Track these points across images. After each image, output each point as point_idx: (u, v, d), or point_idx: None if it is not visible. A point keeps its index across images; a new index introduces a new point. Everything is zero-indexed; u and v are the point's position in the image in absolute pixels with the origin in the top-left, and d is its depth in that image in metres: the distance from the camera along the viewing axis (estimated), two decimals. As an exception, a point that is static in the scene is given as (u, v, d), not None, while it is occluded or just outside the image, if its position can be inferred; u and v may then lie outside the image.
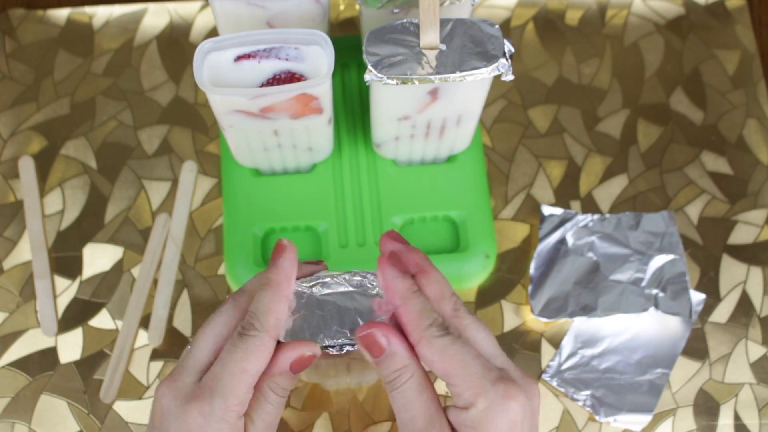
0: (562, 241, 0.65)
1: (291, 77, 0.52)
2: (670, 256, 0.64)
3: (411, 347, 0.45)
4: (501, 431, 0.43)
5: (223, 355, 0.45)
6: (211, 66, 0.52)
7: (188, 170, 0.67)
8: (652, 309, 0.62)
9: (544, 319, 0.62)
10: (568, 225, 0.65)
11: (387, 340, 0.45)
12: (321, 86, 0.51)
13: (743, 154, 0.69)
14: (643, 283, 0.63)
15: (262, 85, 0.52)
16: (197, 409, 0.44)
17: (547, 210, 0.65)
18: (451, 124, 0.58)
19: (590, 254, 0.64)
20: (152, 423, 0.46)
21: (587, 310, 0.62)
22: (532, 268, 0.64)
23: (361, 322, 0.45)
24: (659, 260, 0.63)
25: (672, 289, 0.63)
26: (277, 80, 0.52)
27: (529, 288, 0.63)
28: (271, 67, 0.52)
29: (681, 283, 0.63)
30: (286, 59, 0.52)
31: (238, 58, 0.52)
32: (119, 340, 0.62)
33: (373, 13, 0.56)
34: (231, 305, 0.47)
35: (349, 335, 0.46)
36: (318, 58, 0.52)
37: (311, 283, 0.47)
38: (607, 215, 0.65)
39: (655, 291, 0.63)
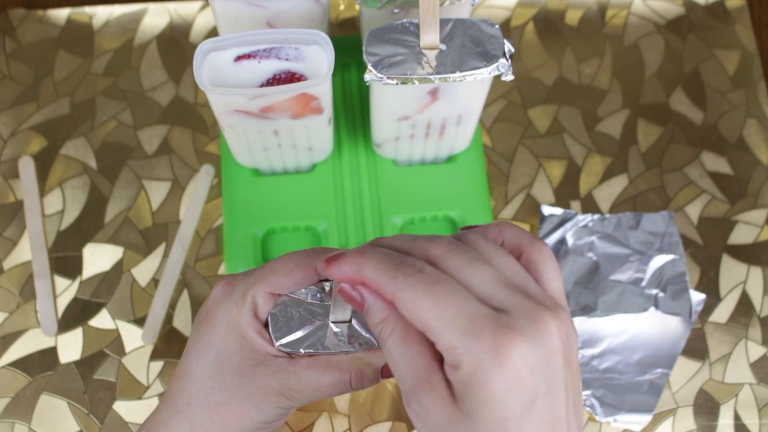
0: (562, 241, 0.65)
1: (291, 77, 0.52)
2: (670, 256, 0.64)
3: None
4: (500, 392, 0.35)
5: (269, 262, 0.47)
6: (211, 66, 0.52)
7: (205, 174, 0.67)
8: (652, 309, 0.62)
9: None
10: (568, 225, 0.65)
11: (358, 293, 0.40)
12: (321, 86, 0.51)
13: (743, 154, 0.69)
14: (643, 283, 0.63)
15: (262, 85, 0.52)
16: (221, 287, 0.47)
17: (547, 210, 0.65)
18: (451, 124, 0.58)
19: (590, 254, 0.64)
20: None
21: (587, 310, 0.62)
22: None
23: (359, 329, 0.46)
24: (659, 260, 0.63)
25: (672, 289, 0.63)
26: (277, 80, 0.52)
27: None
28: (271, 67, 0.52)
29: (681, 283, 0.63)
30: (286, 59, 0.52)
31: (238, 58, 0.52)
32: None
33: (373, 13, 0.56)
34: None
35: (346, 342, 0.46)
36: (318, 58, 0.52)
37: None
38: (607, 215, 0.65)
39: (655, 291, 0.63)
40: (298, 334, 0.46)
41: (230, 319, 0.46)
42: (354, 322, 0.46)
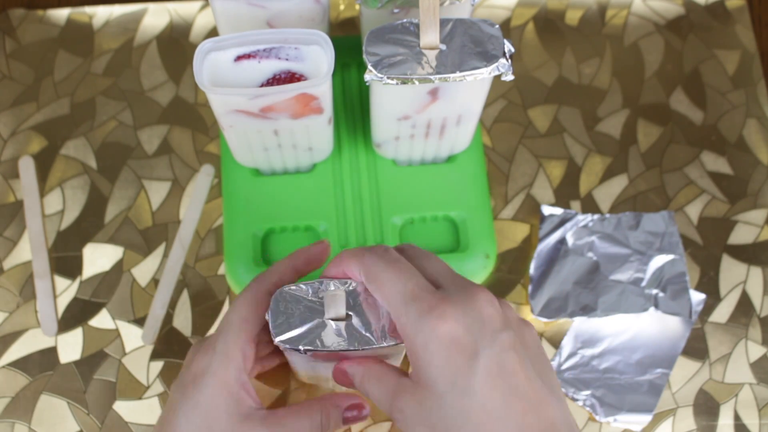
0: (562, 241, 0.65)
1: (291, 77, 0.52)
2: (670, 256, 0.64)
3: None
4: (440, 350, 0.40)
5: (230, 307, 0.51)
6: (211, 66, 0.52)
7: (205, 174, 0.67)
8: (652, 309, 0.62)
9: (544, 319, 0.62)
10: (568, 225, 0.65)
11: (345, 374, 0.47)
12: (321, 86, 0.51)
13: (743, 154, 0.69)
14: (643, 283, 0.63)
15: (262, 85, 0.52)
16: (203, 351, 0.49)
17: (547, 210, 0.65)
18: (451, 124, 0.58)
19: (590, 254, 0.64)
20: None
21: (587, 310, 0.62)
22: (532, 268, 0.64)
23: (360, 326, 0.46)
24: (659, 260, 0.63)
25: (672, 289, 0.63)
26: (277, 80, 0.52)
27: (529, 288, 0.63)
28: (271, 67, 0.52)
29: (681, 283, 0.63)
30: (286, 59, 0.52)
31: (238, 57, 0.52)
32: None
33: (373, 13, 0.56)
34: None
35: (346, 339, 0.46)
36: (318, 58, 0.52)
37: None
38: (607, 215, 0.65)
39: (655, 291, 0.63)
40: (298, 330, 0.46)
41: (218, 380, 0.48)
42: (354, 320, 0.46)
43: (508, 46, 0.50)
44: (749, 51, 0.72)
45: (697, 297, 0.64)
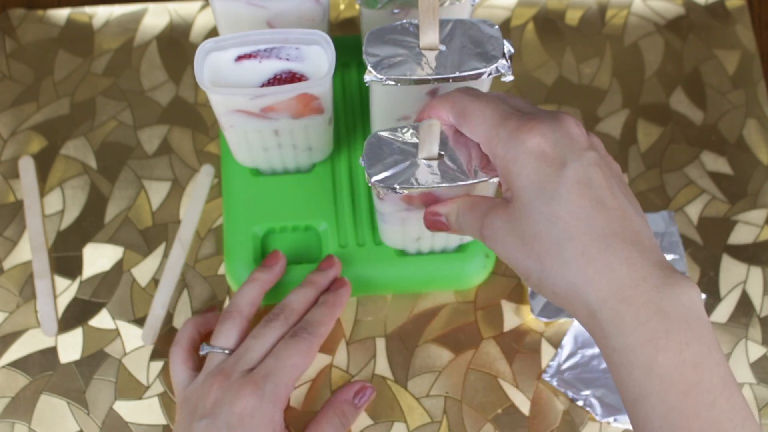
0: None
1: (292, 77, 0.52)
2: (671, 256, 0.64)
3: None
4: (529, 161, 0.42)
5: (276, 352, 0.53)
6: (212, 66, 0.52)
7: (205, 174, 0.67)
8: None
9: (544, 319, 0.62)
10: None
11: (438, 215, 0.50)
12: (322, 86, 0.51)
13: (743, 154, 0.69)
14: None
15: (262, 85, 0.52)
16: (251, 392, 0.51)
17: None
18: (451, 124, 0.58)
19: None
20: (203, 412, 0.52)
21: None
22: None
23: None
24: None
25: None
26: (277, 80, 0.52)
27: (530, 288, 0.63)
28: (271, 67, 0.52)
29: None
30: (287, 59, 0.52)
31: (239, 57, 0.52)
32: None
33: (373, 14, 0.56)
34: (283, 321, 0.56)
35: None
36: (319, 58, 0.52)
37: None
38: None
39: None
40: (393, 170, 0.47)
41: (268, 419, 0.51)
42: (446, 158, 0.47)
43: (508, 47, 0.50)
44: (749, 51, 0.72)
45: None
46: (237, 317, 0.56)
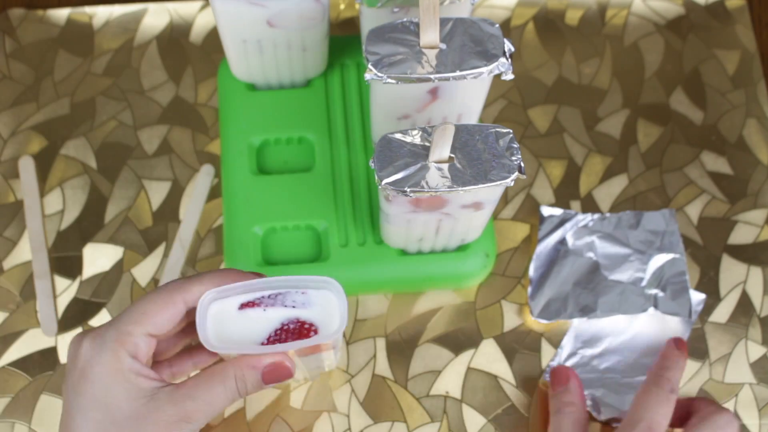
0: (562, 242, 0.65)
1: (300, 328, 0.48)
2: (671, 255, 0.64)
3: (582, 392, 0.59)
4: None
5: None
6: (216, 316, 0.48)
7: (205, 174, 0.67)
8: (651, 309, 0.62)
9: (544, 321, 0.62)
10: (567, 225, 0.65)
11: (572, 377, 0.59)
12: (332, 337, 0.48)
13: (743, 154, 0.69)
14: (643, 283, 0.63)
15: (269, 337, 0.48)
16: (89, 342, 0.46)
17: (546, 211, 0.65)
18: (451, 123, 0.58)
19: (590, 254, 0.64)
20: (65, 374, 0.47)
21: (586, 311, 0.62)
22: (531, 270, 0.64)
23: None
24: (659, 259, 0.63)
25: (672, 288, 0.63)
26: (285, 330, 0.48)
27: (529, 290, 0.63)
28: (277, 315, 0.48)
29: (681, 283, 0.63)
30: (293, 306, 0.48)
31: (242, 306, 0.48)
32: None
33: (373, 13, 0.56)
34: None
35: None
36: (327, 303, 0.49)
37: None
38: (608, 214, 0.65)
39: (654, 291, 0.63)
40: (402, 173, 0.47)
41: (109, 369, 0.45)
42: (456, 161, 0.47)
43: (508, 46, 0.50)
44: (749, 51, 0.72)
45: (697, 297, 0.64)
46: None
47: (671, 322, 0.63)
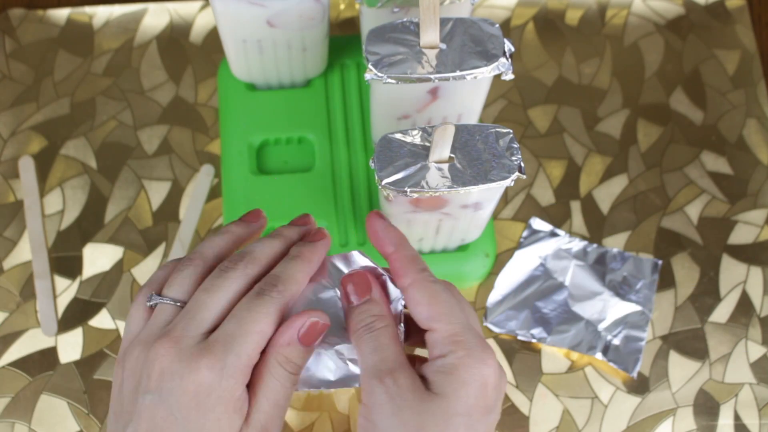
0: (540, 258, 0.64)
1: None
2: (638, 308, 0.63)
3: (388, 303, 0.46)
4: (473, 383, 0.42)
5: (238, 314, 0.43)
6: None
7: (205, 174, 0.67)
8: (599, 354, 0.61)
9: (495, 329, 0.62)
10: (551, 243, 0.64)
11: (374, 285, 0.46)
12: None
13: (743, 154, 0.69)
14: (601, 326, 0.62)
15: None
16: (208, 366, 0.41)
17: (536, 224, 0.65)
18: (451, 123, 0.58)
19: (562, 279, 0.63)
20: (147, 385, 0.41)
21: (538, 335, 0.62)
22: (500, 276, 0.64)
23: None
24: (627, 308, 0.62)
25: (626, 341, 0.62)
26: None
27: (491, 293, 0.63)
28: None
29: (637, 339, 0.62)
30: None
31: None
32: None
33: (373, 13, 0.56)
34: (242, 271, 0.44)
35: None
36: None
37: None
38: (594, 245, 0.65)
39: (609, 337, 0.62)
40: (402, 173, 0.48)
41: (229, 398, 0.42)
42: (456, 161, 0.48)
43: (508, 46, 0.50)
44: (749, 51, 0.72)
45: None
46: (199, 265, 0.45)
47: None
